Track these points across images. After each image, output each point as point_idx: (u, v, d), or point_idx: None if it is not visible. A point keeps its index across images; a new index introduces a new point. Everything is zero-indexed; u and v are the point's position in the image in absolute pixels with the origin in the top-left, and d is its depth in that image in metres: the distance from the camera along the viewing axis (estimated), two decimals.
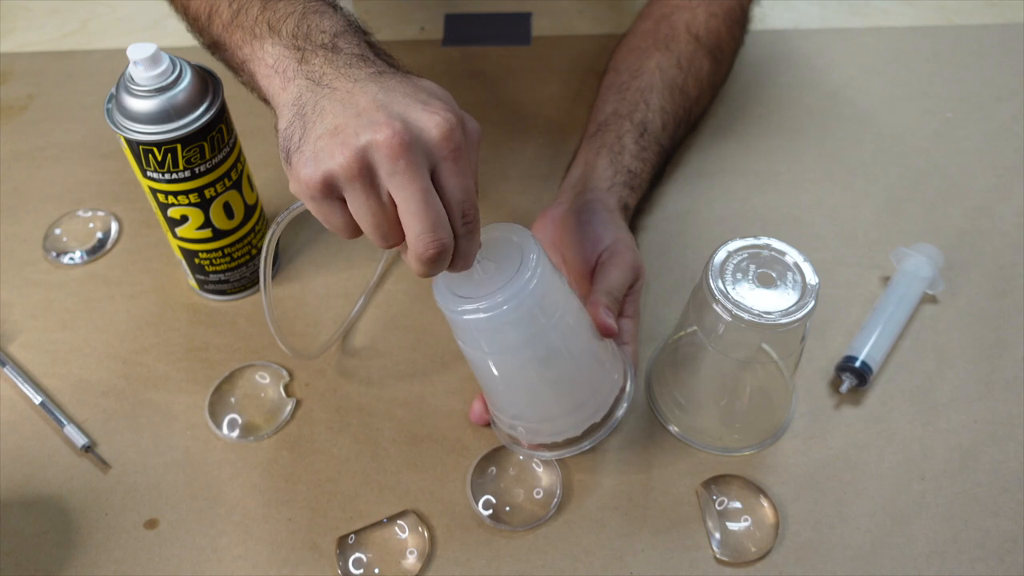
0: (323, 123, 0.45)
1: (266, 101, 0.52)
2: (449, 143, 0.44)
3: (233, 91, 0.60)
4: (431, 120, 0.44)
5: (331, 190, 0.45)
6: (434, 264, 0.46)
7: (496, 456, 0.61)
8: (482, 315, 0.48)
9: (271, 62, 0.49)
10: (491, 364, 0.52)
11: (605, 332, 0.55)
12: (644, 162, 0.70)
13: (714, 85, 0.79)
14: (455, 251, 0.47)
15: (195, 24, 0.58)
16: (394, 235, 0.46)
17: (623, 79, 0.74)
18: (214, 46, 0.56)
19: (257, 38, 0.51)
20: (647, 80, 0.73)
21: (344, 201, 0.46)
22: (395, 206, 0.45)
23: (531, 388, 0.53)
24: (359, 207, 0.45)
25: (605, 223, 0.63)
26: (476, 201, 0.47)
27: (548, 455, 0.57)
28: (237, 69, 0.55)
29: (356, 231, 0.47)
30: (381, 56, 0.50)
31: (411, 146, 0.43)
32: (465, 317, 0.49)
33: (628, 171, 0.68)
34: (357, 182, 0.44)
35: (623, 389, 0.56)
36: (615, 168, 0.68)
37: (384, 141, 0.43)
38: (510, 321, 0.49)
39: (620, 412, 0.56)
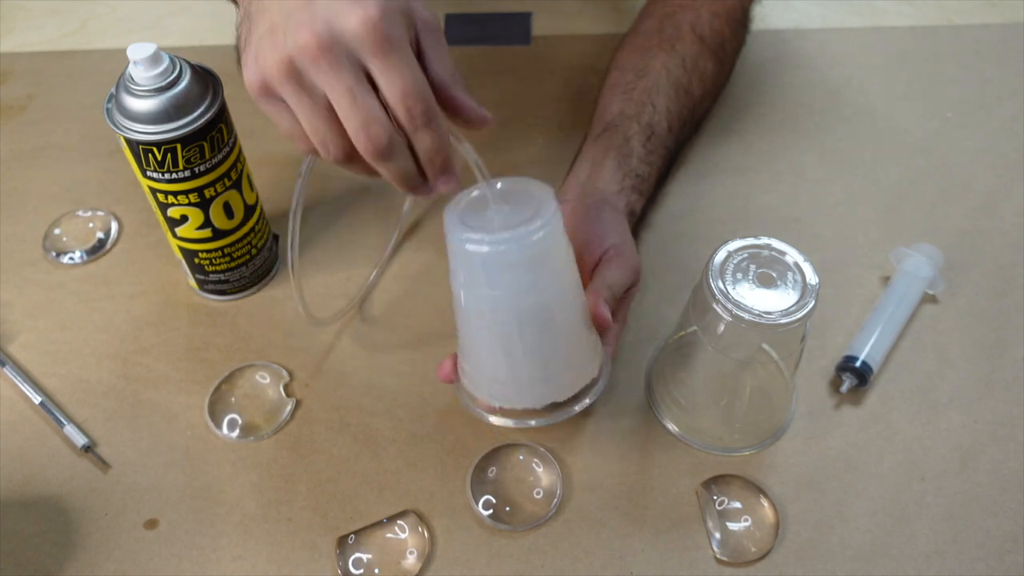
0: (263, 23, 0.46)
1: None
2: (370, 38, 0.44)
3: (233, 91, 0.60)
4: (352, 17, 0.43)
5: (270, 92, 0.46)
6: (384, 160, 0.46)
7: (496, 456, 0.61)
8: (484, 247, 0.49)
9: None
10: (477, 305, 0.52)
11: (600, 323, 0.55)
12: (651, 165, 0.70)
13: (717, 85, 0.79)
14: (419, 151, 0.47)
15: None
16: (333, 140, 0.46)
17: (628, 78, 0.73)
18: None
19: None
20: (653, 80, 0.72)
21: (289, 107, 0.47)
22: (334, 112, 0.45)
23: (508, 343, 0.53)
24: (296, 109, 0.46)
25: (613, 224, 0.62)
26: (425, 94, 0.46)
27: (501, 421, 0.55)
28: None
29: (306, 137, 0.48)
30: None
31: (331, 46, 0.43)
32: (467, 246, 0.49)
33: (636, 175, 0.68)
34: (288, 85, 0.45)
35: (595, 381, 0.56)
36: (623, 171, 0.67)
37: (304, 43, 0.43)
38: (507, 262, 0.49)
39: (578, 407, 0.55)
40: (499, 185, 0.51)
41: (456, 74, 0.48)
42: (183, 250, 0.66)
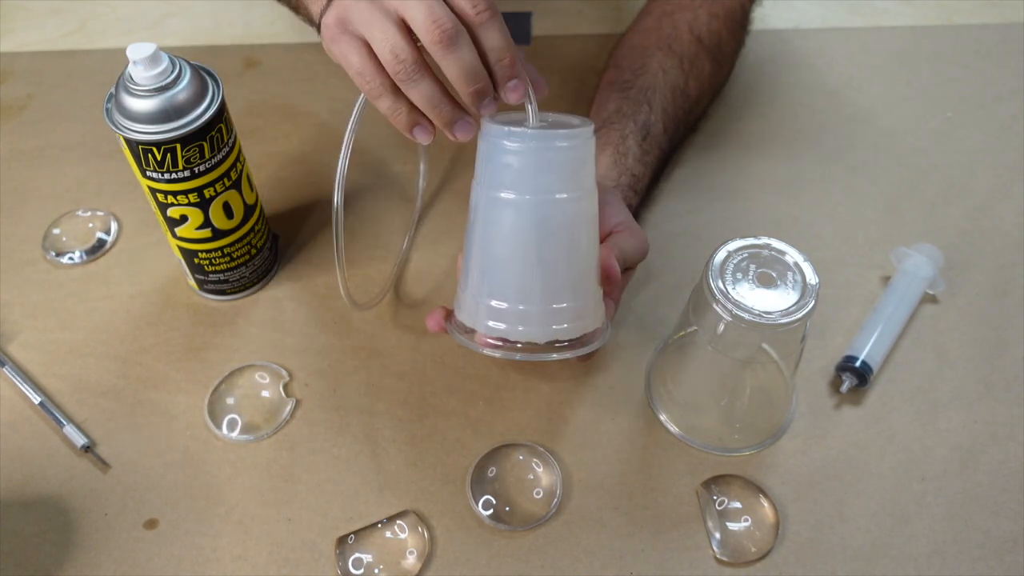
0: None
1: (311, 21, 0.58)
2: None
3: (232, 91, 0.60)
4: None
5: (345, 24, 0.51)
6: (450, 47, 0.48)
7: (496, 456, 0.61)
8: (514, 143, 0.50)
9: None
10: (500, 211, 0.52)
11: (610, 273, 0.56)
12: (646, 166, 0.70)
13: (714, 87, 0.79)
14: (487, 50, 0.50)
15: None
16: (403, 46, 0.49)
17: (626, 76, 0.73)
18: None
19: None
20: (650, 80, 0.72)
21: (362, 41, 0.50)
22: (406, 25, 0.49)
23: (524, 255, 0.53)
24: (369, 28, 0.50)
25: (619, 206, 0.62)
26: None
27: (499, 354, 0.54)
28: None
29: (375, 66, 0.50)
30: None
31: None
32: (503, 141, 0.51)
33: (631, 174, 0.68)
34: (362, 1, 0.49)
35: (596, 332, 0.55)
36: (619, 169, 0.68)
37: None
38: (536, 164, 0.51)
39: (556, 355, 0.54)
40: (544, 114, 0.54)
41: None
42: (183, 250, 0.66)
